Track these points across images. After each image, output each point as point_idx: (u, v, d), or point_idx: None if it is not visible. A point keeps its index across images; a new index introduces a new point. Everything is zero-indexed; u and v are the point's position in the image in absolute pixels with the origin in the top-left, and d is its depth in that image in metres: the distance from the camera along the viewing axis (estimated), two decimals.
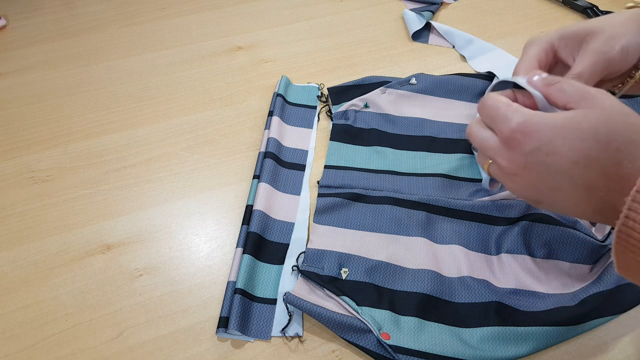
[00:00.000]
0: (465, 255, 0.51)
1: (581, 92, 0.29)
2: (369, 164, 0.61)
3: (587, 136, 0.27)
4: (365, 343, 0.45)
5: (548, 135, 0.28)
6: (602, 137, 0.27)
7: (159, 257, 0.54)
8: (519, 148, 0.29)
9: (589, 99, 0.28)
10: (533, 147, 0.29)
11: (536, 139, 0.28)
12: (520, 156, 0.30)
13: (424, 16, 0.83)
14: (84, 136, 0.67)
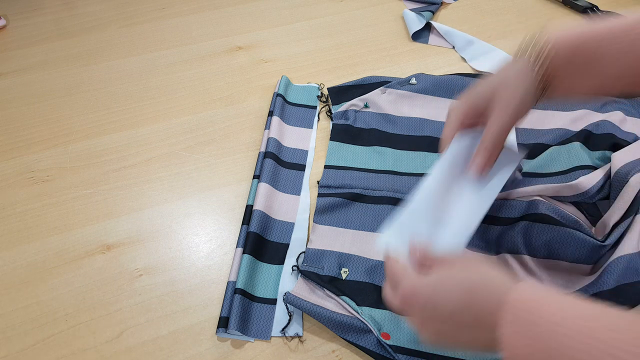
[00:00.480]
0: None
1: (442, 260, 0.38)
2: (369, 164, 0.61)
3: (454, 288, 0.34)
4: (365, 343, 0.45)
5: (429, 294, 0.35)
6: (465, 287, 0.34)
7: (159, 257, 0.54)
8: (412, 308, 0.36)
9: (450, 261, 0.37)
10: (421, 305, 0.35)
11: (421, 297, 0.35)
12: (416, 312, 0.36)
13: (424, 16, 0.83)
14: (84, 136, 0.67)
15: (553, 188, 0.53)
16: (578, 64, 0.41)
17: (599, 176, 0.53)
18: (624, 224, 0.48)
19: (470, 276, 0.35)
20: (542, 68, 0.41)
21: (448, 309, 0.34)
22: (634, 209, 0.49)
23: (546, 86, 0.42)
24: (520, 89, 0.42)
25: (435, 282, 0.36)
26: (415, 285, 0.36)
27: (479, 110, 0.45)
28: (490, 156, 0.44)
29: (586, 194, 0.52)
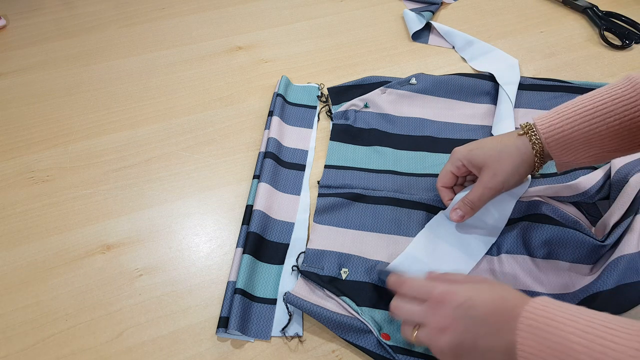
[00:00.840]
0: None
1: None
2: (369, 164, 0.61)
3: (489, 292, 0.38)
4: (365, 343, 0.45)
5: (468, 293, 0.38)
6: (497, 293, 0.38)
7: (159, 257, 0.54)
8: (448, 304, 0.39)
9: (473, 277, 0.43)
10: (458, 303, 0.38)
11: (460, 296, 0.38)
12: (449, 310, 0.38)
13: (424, 16, 0.83)
14: (84, 136, 0.67)
15: (553, 188, 0.53)
16: (571, 148, 0.44)
17: (599, 176, 0.53)
18: (624, 224, 0.48)
19: (501, 286, 0.39)
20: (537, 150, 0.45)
21: (484, 308, 0.37)
22: (634, 209, 0.49)
23: (543, 161, 0.46)
24: (510, 165, 0.46)
25: (472, 286, 0.40)
26: (453, 286, 0.40)
27: (472, 168, 0.49)
28: (469, 211, 0.49)
29: (586, 194, 0.52)
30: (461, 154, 0.50)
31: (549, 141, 0.45)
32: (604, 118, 0.42)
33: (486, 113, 0.68)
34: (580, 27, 0.83)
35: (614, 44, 0.78)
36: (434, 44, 0.81)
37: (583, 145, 0.44)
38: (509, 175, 0.46)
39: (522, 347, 0.33)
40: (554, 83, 0.70)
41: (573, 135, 0.44)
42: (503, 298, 0.37)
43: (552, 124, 0.45)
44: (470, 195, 0.48)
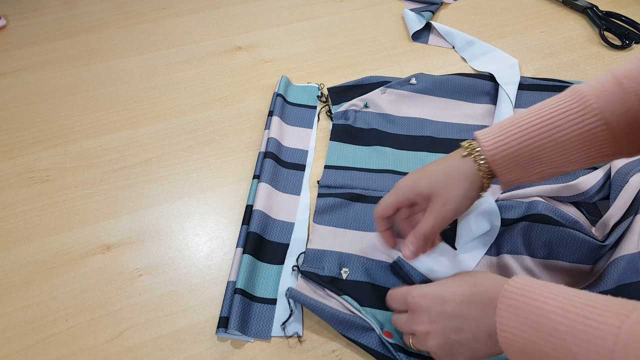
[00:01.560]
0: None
1: None
2: (369, 164, 0.61)
3: (459, 282, 0.39)
4: (367, 341, 0.45)
5: (437, 291, 0.40)
6: (469, 280, 0.39)
7: (159, 257, 0.54)
8: (422, 308, 0.40)
9: None
10: (430, 304, 0.39)
11: (430, 297, 0.40)
12: (424, 314, 0.39)
13: (424, 16, 0.83)
14: (84, 136, 0.67)
15: (553, 188, 0.53)
16: (518, 166, 0.42)
17: (599, 176, 0.53)
18: (624, 224, 0.48)
19: (473, 274, 0.39)
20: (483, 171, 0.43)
21: (456, 301, 0.38)
22: (634, 209, 0.49)
23: (491, 178, 0.44)
24: (459, 191, 0.43)
25: (442, 282, 0.40)
26: (424, 288, 0.41)
27: (419, 200, 0.45)
28: (421, 245, 0.45)
29: (586, 194, 0.52)
30: (406, 187, 0.46)
31: (495, 159, 0.42)
32: (552, 133, 0.40)
33: (486, 113, 0.68)
34: (580, 27, 0.83)
35: (614, 44, 0.78)
36: (434, 44, 0.81)
37: (530, 163, 0.41)
38: (459, 202, 0.43)
39: (502, 328, 0.33)
40: (554, 83, 0.70)
41: (520, 153, 0.41)
42: (475, 284, 0.37)
43: (497, 141, 0.42)
44: (421, 227, 0.44)
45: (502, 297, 0.34)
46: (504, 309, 0.33)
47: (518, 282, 0.34)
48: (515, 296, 0.33)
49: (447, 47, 0.80)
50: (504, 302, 0.33)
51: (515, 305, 0.33)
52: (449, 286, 0.39)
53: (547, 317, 0.31)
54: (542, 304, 0.32)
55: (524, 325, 0.32)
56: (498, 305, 0.34)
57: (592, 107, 0.38)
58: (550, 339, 0.30)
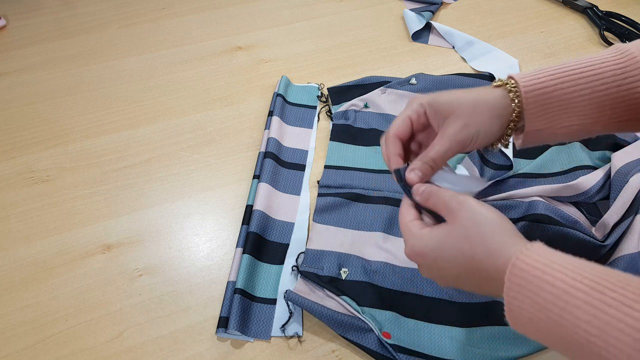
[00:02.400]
0: None
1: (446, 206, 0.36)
2: (369, 164, 0.61)
3: (456, 254, 0.34)
4: (366, 342, 0.45)
5: (431, 256, 0.36)
6: (467, 252, 0.34)
7: (159, 257, 0.54)
8: (420, 264, 0.37)
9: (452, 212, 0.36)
10: (426, 265, 0.36)
11: (425, 259, 0.36)
12: (424, 269, 0.37)
13: (424, 16, 0.83)
14: (84, 136, 0.67)
15: (553, 188, 0.53)
16: (549, 111, 0.38)
17: (599, 176, 0.53)
18: (624, 224, 0.48)
19: (471, 242, 0.34)
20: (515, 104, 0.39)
21: (453, 274, 0.35)
22: (634, 209, 0.49)
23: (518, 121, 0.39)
24: (485, 117, 0.38)
25: (437, 246, 0.35)
26: (417, 248, 0.36)
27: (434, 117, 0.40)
28: (429, 171, 0.40)
29: (586, 194, 0.52)
30: (424, 99, 0.40)
31: (528, 96, 0.38)
32: (591, 80, 0.37)
33: None
34: (580, 27, 0.83)
35: (614, 44, 0.78)
36: (434, 44, 0.81)
37: (562, 111, 0.38)
38: (483, 129, 0.38)
39: (511, 307, 0.31)
40: None
41: (554, 95, 0.38)
42: (473, 259, 0.33)
43: (532, 77, 0.38)
44: (432, 150, 0.39)
45: (508, 281, 0.31)
46: (512, 287, 0.30)
47: (528, 259, 0.30)
48: (522, 281, 0.30)
49: (447, 47, 0.80)
50: (510, 287, 0.30)
51: (524, 285, 0.30)
52: (446, 252, 0.35)
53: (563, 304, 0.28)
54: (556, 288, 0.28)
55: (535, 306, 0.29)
56: (504, 288, 0.31)
57: (635, 60, 0.36)
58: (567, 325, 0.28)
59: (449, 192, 0.37)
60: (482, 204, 0.35)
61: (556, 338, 0.29)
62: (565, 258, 0.30)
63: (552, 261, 0.30)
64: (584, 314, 0.27)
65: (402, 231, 0.39)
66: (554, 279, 0.29)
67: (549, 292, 0.29)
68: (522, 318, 0.30)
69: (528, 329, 0.31)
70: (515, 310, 0.31)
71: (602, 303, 0.27)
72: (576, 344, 0.27)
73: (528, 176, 0.56)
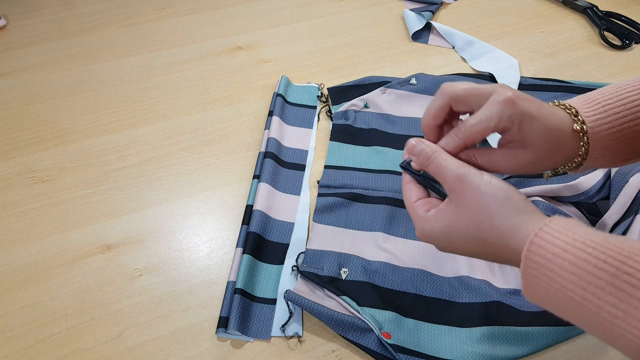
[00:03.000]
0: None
1: (447, 182, 0.33)
2: (369, 164, 0.61)
3: (467, 237, 0.33)
4: (366, 342, 0.45)
5: (441, 239, 0.34)
6: (477, 236, 0.32)
7: (159, 257, 0.54)
8: (433, 244, 0.35)
9: (454, 192, 0.33)
10: (440, 246, 0.35)
11: (437, 242, 0.34)
12: (438, 248, 0.35)
13: (424, 16, 0.83)
14: (84, 136, 0.67)
15: (553, 188, 0.53)
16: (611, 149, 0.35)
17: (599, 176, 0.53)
18: (623, 224, 0.48)
19: (480, 227, 0.31)
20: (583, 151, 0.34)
21: (469, 252, 0.33)
22: (634, 209, 0.49)
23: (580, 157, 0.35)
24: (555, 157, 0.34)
25: (446, 231, 0.33)
26: (426, 232, 0.34)
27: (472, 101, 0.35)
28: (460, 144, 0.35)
29: (586, 194, 0.52)
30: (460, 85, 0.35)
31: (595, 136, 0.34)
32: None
33: None
34: (580, 27, 0.83)
35: (614, 44, 0.78)
36: (434, 44, 0.81)
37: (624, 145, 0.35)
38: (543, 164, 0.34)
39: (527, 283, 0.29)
40: (554, 83, 0.70)
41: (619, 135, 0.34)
42: (485, 244, 0.32)
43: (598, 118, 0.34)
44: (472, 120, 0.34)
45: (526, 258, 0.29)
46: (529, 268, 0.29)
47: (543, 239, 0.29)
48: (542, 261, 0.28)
49: (447, 47, 0.80)
50: (529, 265, 0.29)
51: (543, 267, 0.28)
52: (456, 236, 0.33)
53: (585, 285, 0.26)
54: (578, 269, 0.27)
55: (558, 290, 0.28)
56: (522, 263, 0.29)
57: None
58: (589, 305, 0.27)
59: (449, 163, 0.33)
60: (485, 179, 0.32)
61: (575, 315, 0.28)
62: (587, 234, 0.28)
63: (574, 239, 0.28)
64: (609, 297, 0.26)
65: (409, 212, 0.36)
66: (576, 258, 0.27)
67: (571, 272, 0.27)
68: (540, 294, 0.29)
69: (545, 304, 0.30)
70: (531, 286, 0.29)
71: (629, 285, 0.25)
72: (597, 324, 0.27)
73: (528, 176, 0.56)
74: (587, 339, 0.46)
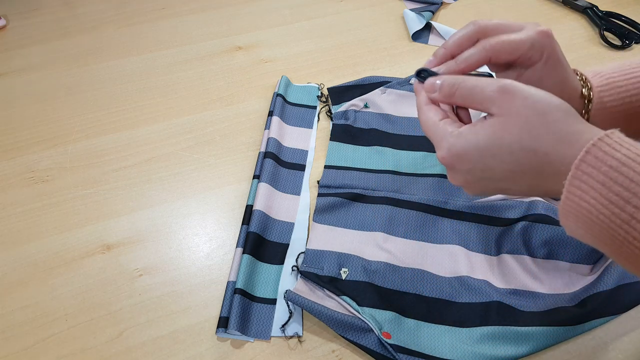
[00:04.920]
0: (466, 256, 0.51)
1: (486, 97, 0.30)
2: (369, 164, 0.61)
3: (514, 149, 0.28)
4: (366, 342, 0.45)
5: (476, 157, 0.30)
6: (528, 146, 0.28)
7: (159, 257, 0.54)
8: (456, 169, 0.32)
9: (497, 103, 0.29)
10: (467, 169, 0.31)
11: (467, 161, 0.30)
12: (459, 175, 0.32)
13: (424, 16, 0.83)
14: (84, 136, 0.67)
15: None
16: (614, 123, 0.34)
17: None
18: None
19: (534, 132, 0.28)
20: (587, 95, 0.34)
21: (502, 172, 0.29)
22: None
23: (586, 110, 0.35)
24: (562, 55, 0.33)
25: (486, 142, 0.29)
26: (457, 148, 0.30)
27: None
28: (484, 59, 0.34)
29: None
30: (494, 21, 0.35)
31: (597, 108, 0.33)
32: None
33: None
34: (580, 27, 0.83)
35: (614, 44, 0.78)
36: (434, 44, 0.81)
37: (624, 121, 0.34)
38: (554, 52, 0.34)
39: (572, 194, 0.26)
40: None
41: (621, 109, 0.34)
42: (536, 153, 0.28)
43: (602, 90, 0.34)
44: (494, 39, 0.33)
45: (577, 168, 0.26)
46: (577, 180, 0.26)
47: (606, 144, 0.26)
48: (598, 169, 0.25)
49: None
50: (578, 177, 0.26)
51: (597, 176, 0.25)
52: (497, 149, 0.29)
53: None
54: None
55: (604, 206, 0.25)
56: (570, 174, 0.26)
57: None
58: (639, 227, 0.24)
59: (484, 79, 0.31)
60: (534, 88, 0.29)
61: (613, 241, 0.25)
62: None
63: (637, 154, 0.25)
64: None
65: (431, 133, 0.32)
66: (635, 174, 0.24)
67: (630, 180, 0.24)
68: (580, 211, 0.26)
69: (580, 225, 0.27)
70: (573, 201, 0.26)
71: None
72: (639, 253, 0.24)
73: None
74: (587, 339, 0.46)
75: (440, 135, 0.32)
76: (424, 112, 0.34)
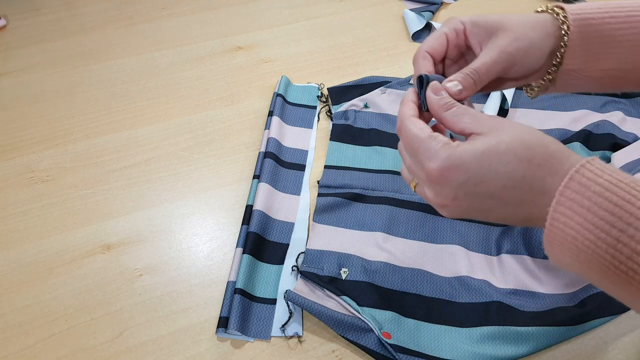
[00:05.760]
0: (466, 256, 0.51)
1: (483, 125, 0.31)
2: (369, 164, 0.61)
3: (509, 159, 0.29)
4: (366, 342, 0.45)
5: (474, 167, 0.29)
6: (523, 156, 0.28)
7: (159, 257, 0.54)
8: (447, 184, 0.30)
9: (488, 129, 0.30)
10: (461, 181, 0.30)
11: (463, 172, 0.29)
12: (448, 190, 0.30)
13: (424, 16, 0.83)
14: (84, 136, 0.67)
15: None
16: (592, 44, 0.35)
17: None
18: None
19: (527, 145, 0.29)
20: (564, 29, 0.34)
21: (498, 184, 0.29)
22: None
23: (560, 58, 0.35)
24: (536, 33, 0.35)
25: (483, 152, 0.29)
26: (455, 157, 0.30)
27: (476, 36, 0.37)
28: (471, 85, 0.34)
29: None
30: (465, 17, 0.38)
31: (575, 24, 0.34)
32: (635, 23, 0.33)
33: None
34: None
35: None
36: None
37: (603, 48, 0.34)
38: (535, 44, 0.34)
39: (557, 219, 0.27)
40: None
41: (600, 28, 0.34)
42: (530, 164, 0.28)
43: (582, 8, 0.34)
44: (477, 63, 0.35)
45: (560, 194, 0.26)
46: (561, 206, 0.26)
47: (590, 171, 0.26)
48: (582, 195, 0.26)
49: None
50: (563, 203, 0.26)
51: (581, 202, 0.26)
52: (493, 161, 0.29)
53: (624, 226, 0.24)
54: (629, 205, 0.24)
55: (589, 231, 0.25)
56: (555, 200, 0.27)
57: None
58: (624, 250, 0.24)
59: (483, 114, 0.31)
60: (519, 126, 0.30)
61: (599, 266, 0.25)
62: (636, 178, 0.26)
63: (624, 177, 0.26)
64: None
65: (420, 143, 0.31)
66: (625, 193, 0.25)
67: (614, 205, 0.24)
68: (565, 237, 0.26)
69: (565, 252, 0.27)
70: (557, 228, 0.27)
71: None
72: (625, 278, 0.24)
73: None
74: (587, 339, 0.46)
75: (435, 146, 0.31)
76: (412, 124, 0.33)
